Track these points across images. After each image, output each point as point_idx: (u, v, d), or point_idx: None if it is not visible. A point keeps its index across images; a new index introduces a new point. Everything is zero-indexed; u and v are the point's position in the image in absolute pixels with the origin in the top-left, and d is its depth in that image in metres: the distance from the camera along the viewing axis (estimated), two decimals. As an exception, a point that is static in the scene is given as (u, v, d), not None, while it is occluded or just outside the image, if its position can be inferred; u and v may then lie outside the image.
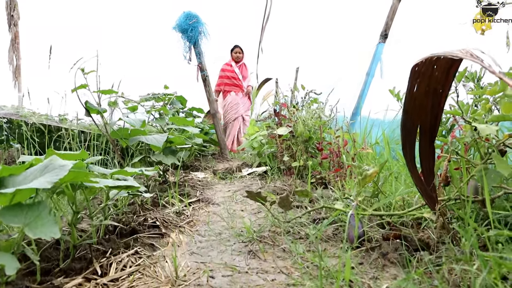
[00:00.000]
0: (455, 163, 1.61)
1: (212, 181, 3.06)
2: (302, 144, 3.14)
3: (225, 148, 5.26)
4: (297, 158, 3.15)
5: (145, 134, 2.69)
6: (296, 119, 3.26)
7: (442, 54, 0.94)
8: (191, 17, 5.19)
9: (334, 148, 2.96)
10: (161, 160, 2.54)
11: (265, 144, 3.77)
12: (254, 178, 3.16)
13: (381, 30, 4.98)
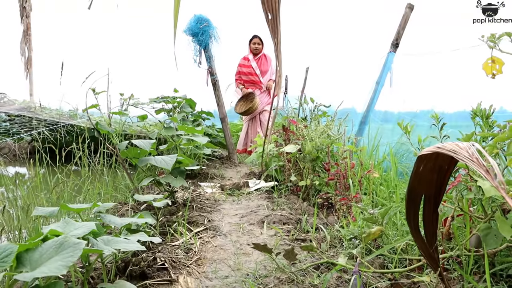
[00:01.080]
0: (458, 219, 1.63)
1: (219, 198, 3.10)
2: (309, 162, 3.16)
3: (233, 153, 5.31)
4: (304, 176, 3.18)
5: (155, 153, 2.74)
6: (304, 136, 3.28)
7: (447, 151, 0.97)
8: (202, 21, 5.20)
9: (341, 168, 2.99)
10: (170, 183, 2.58)
11: (273, 156, 3.80)
12: (261, 196, 3.20)
13: (392, 39, 4.96)
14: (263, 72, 6.07)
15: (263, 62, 6.09)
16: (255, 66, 6.04)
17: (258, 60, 6.07)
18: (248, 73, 6.11)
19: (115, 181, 3.69)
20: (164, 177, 2.61)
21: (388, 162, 3.81)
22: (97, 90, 3.22)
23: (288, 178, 3.25)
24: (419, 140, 2.45)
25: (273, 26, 0.98)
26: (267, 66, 6.11)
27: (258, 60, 6.07)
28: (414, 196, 1.28)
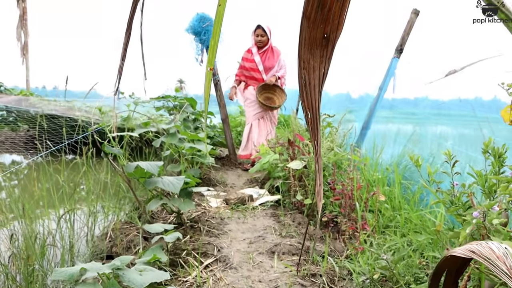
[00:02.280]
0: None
1: (225, 214, 3.10)
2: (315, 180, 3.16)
3: (233, 154, 5.31)
4: (309, 194, 3.19)
5: (162, 172, 2.73)
6: (310, 152, 3.28)
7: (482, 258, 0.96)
8: (205, 20, 5.13)
9: (347, 188, 2.99)
10: (179, 207, 2.57)
11: (276, 165, 3.79)
12: (266, 212, 3.21)
13: (396, 45, 4.93)
14: (267, 68, 5.26)
15: (269, 57, 5.27)
16: (258, 61, 5.24)
17: (263, 54, 5.24)
18: (250, 68, 5.34)
19: (119, 191, 3.68)
20: (172, 200, 2.60)
21: (390, 171, 3.83)
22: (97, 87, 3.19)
23: (294, 195, 3.25)
24: (429, 173, 2.44)
25: (312, 127, 0.96)
26: (273, 61, 5.29)
27: (263, 54, 5.24)
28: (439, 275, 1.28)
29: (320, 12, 0.95)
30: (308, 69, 1.00)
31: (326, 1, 0.93)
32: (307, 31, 0.97)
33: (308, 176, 3.28)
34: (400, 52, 4.90)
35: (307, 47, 0.99)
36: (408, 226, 2.89)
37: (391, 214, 3.07)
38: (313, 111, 0.99)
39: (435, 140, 5.26)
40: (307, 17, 0.95)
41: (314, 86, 0.99)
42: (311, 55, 1.00)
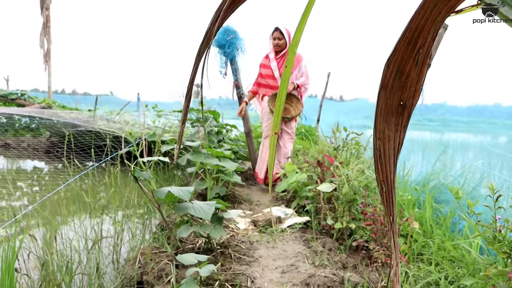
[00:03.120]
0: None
1: (253, 238, 3.05)
2: (345, 204, 3.10)
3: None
4: (339, 217, 3.12)
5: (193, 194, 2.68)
6: (340, 174, 3.21)
7: None
8: (229, 32, 5.09)
9: (378, 213, 2.92)
10: (210, 233, 2.53)
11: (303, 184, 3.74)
12: (295, 236, 3.15)
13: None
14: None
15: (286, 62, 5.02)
16: (274, 67, 4.79)
17: (280, 59, 4.79)
18: (265, 75, 4.89)
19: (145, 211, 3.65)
20: (202, 226, 2.56)
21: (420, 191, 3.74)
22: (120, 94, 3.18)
23: (324, 218, 3.19)
24: (469, 205, 2.36)
25: (387, 201, 0.90)
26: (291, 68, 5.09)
27: (281, 60, 4.78)
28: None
29: (398, 80, 0.89)
30: (383, 139, 0.94)
31: (405, 68, 0.87)
32: (384, 100, 0.91)
33: (337, 199, 3.21)
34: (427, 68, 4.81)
35: (383, 116, 0.93)
36: (442, 254, 2.82)
37: (423, 240, 3.00)
38: (388, 184, 0.93)
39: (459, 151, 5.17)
40: (384, 86, 0.89)
41: (389, 157, 0.94)
42: (386, 124, 0.94)
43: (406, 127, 0.96)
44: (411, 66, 0.87)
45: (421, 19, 0.78)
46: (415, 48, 0.83)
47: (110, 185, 3.21)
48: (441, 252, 2.84)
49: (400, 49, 0.82)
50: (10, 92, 7.79)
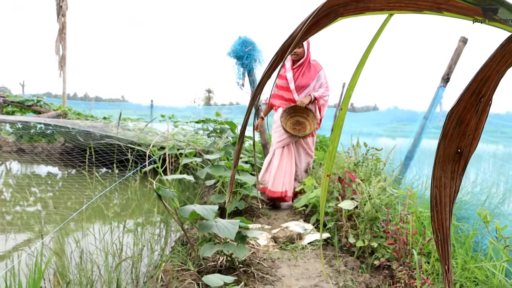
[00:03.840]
0: None
1: (274, 255, 3.04)
2: (367, 222, 3.08)
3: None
4: (360, 235, 3.10)
5: (217, 213, 2.68)
6: (362, 192, 3.19)
7: None
8: (247, 44, 5.10)
9: (401, 231, 2.89)
10: (234, 253, 2.52)
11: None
12: (316, 253, 3.13)
13: (443, 73, 4.80)
14: (299, 87, 4.42)
15: (303, 73, 4.40)
16: (290, 77, 4.42)
17: (297, 69, 4.42)
18: (281, 86, 4.56)
19: (166, 224, 3.65)
20: (226, 245, 2.55)
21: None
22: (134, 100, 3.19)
23: (345, 235, 3.17)
24: (497, 228, 2.34)
25: (443, 250, 0.89)
26: (309, 78, 4.42)
27: (297, 70, 4.42)
28: None
29: (458, 128, 0.88)
30: (439, 187, 0.93)
31: (465, 117, 0.86)
32: (442, 148, 0.90)
33: (358, 216, 3.19)
34: (446, 81, 4.78)
35: (440, 164, 0.92)
36: (465, 275, 2.78)
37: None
38: (443, 232, 0.91)
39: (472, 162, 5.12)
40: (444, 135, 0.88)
41: (444, 205, 0.92)
42: (442, 172, 0.93)
43: (462, 175, 0.95)
44: (471, 115, 0.86)
45: (487, 70, 0.77)
46: (477, 98, 0.82)
47: (131, 199, 3.21)
48: (464, 273, 2.81)
49: (463, 99, 0.81)
50: (27, 98, 7.86)
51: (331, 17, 0.78)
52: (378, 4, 0.78)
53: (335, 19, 0.79)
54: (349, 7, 0.78)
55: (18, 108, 8.31)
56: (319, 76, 4.50)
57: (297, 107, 4.45)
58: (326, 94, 4.55)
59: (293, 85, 4.46)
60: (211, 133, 5.40)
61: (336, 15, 0.78)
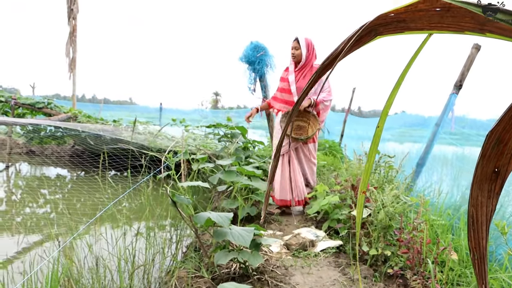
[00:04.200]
0: None
1: (287, 262, 3.03)
2: (381, 230, 3.06)
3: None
4: (373, 243, 3.09)
5: (230, 221, 2.67)
6: (376, 199, 3.18)
7: None
8: (259, 49, 5.10)
9: (415, 240, 2.87)
10: (248, 261, 2.52)
11: (335, 206, 3.71)
12: (329, 261, 3.12)
13: (455, 80, 4.78)
14: (300, 89, 4.22)
15: (305, 76, 4.26)
16: (292, 80, 4.30)
17: (299, 72, 4.30)
18: (282, 88, 4.43)
19: (177, 228, 3.65)
20: (240, 253, 2.55)
21: (451, 216, 3.68)
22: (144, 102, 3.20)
23: (359, 245, 3.15)
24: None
25: (480, 269, 0.88)
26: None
27: (299, 73, 4.29)
28: None
29: (496, 148, 0.87)
30: (476, 206, 0.92)
31: (504, 137, 0.85)
32: (480, 168, 0.90)
33: (371, 224, 3.18)
34: (459, 88, 4.75)
35: (478, 183, 0.91)
36: (481, 285, 2.75)
37: (459, 269, 2.94)
38: (480, 251, 0.91)
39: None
40: (483, 155, 0.87)
41: (481, 224, 0.92)
42: (479, 191, 0.92)
43: (499, 194, 0.94)
44: (510, 135, 0.86)
45: (528, 93, 0.76)
46: (517, 118, 0.82)
47: (144, 205, 3.22)
48: (480, 283, 2.77)
49: (503, 120, 0.81)
50: (37, 100, 7.91)
51: (371, 36, 0.78)
52: (419, 24, 0.78)
53: (375, 37, 0.79)
54: (389, 26, 0.78)
55: (29, 110, 8.36)
56: (322, 79, 4.14)
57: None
58: (327, 99, 4.31)
59: (294, 87, 4.28)
60: (222, 137, 5.40)
61: (376, 34, 0.79)
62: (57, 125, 6.77)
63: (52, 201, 6.18)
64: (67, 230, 4.06)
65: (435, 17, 0.74)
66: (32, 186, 6.91)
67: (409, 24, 0.78)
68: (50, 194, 6.72)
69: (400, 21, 0.78)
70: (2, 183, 7.40)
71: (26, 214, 5.27)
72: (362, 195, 1.01)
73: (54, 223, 4.54)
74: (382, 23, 0.76)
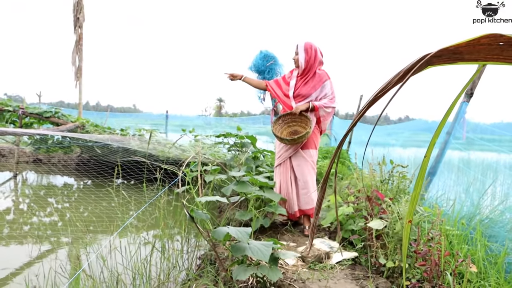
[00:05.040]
0: None
1: (304, 275, 3.01)
2: (397, 242, 3.04)
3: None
4: (389, 255, 3.07)
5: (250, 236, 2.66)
6: (392, 211, 3.16)
7: None
8: (269, 58, 5.09)
9: (432, 252, 2.85)
10: (267, 276, 2.50)
11: (350, 217, 3.69)
12: (345, 274, 3.10)
13: (466, 88, 4.75)
14: (299, 96, 4.12)
15: (307, 82, 4.09)
16: (292, 85, 4.17)
17: (301, 77, 4.14)
18: (283, 92, 4.29)
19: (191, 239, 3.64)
20: (259, 268, 2.53)
21: (465, 226, 3.66)
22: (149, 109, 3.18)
23: (375, 255, 3.13)
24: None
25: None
26: (311, 88, 4.08)
27: (301, 78, 4.14)
28: None
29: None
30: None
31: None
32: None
33: (387, 235, 3.16)
34: (470, 96, 4.74)
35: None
36: (500, 298, 2.73)
37: (477, 281, 2.91)
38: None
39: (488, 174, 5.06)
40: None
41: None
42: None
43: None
44: None
45: None
46: None
47: (159, 219, 3.20)
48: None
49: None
50: (45, 110, 7.93)
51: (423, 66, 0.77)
52: (475, 56, 0.77)
53: (426, 67, 0.78)
54: (443, 57, 0.77)
55: (36, 120, 8.37)
56: (324, 86, 4.09)
57: (292, 114, 4.13)
58: (328, 105, 4.07)
59: (292, 92, 4.15)
60: (232, 147, 5.39)
61: (428, 64, 0.78)
62: (65, 135, 6.77)
63: (59, 210, 6.18)
64: (82, 241, 4.05)
65: (495, 50, 0.73)
66: (38, 195, 6.92)
67: (464, 55, 0.78)
68: (57, 203, 6.72)
69: (456, 53, 0.77)
70: (10, 191, 7.40)
71: (42, 223, 5.26)
72: (408, 224, 1.00)
73: (66, 231, 4.53)
74: (437, 55, 0.76)
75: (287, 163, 4.15)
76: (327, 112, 4.10)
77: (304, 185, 4.11)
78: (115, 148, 7.00)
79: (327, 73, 4.13)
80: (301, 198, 4.13)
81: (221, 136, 5.39)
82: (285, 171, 4.15)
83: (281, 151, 4.17)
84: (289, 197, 4.13)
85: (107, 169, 7.31)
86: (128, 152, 6.86)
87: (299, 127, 4.16)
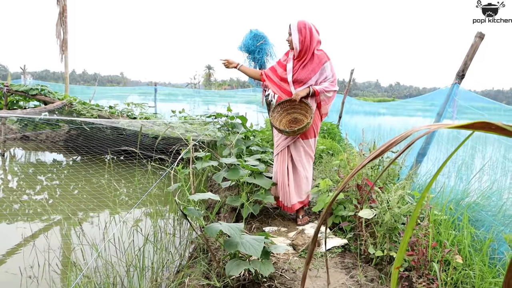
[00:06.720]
0: None
1: (295, 264, 3.07)
2: (386, 231, 3.10)
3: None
4: (378, 244, 3.13)
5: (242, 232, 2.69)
6: (381, 200, 3.20)
7: None
8: (259, 38, 5.01)
9: (421, 242, 2.92)
10: (259, 270, 2.55)
11: (340, 203, 3.74)
12: (335, 262, 3.16)
13: (458, 70, 4.75)
14: (297, 81, 3.87)
15: (306, 65, 3.82)
16: (289, 68, 3.90)
17: (298, 60, 3.87)
18: (280, 76, 4.03)
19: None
20: (252, 263, 2.58)
21: (453, 211, 3.73)
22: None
23: (364, 243, 3.20)
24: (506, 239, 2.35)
25: None
26: (309, 72, 3.81)
27: (299, 61, 3.86)
28: None
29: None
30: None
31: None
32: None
33: (376, 224, 3.22)
34: (461, 78, 4.73)
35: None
36: (484, 286, 2.81)
37: (462, 268, 2.99)
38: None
39: (479, 144, 5.11)
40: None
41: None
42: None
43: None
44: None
45: None
46: None
47: (149, 202, 3.22)
48: (483, 284, 2.84)
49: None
50: (31, 87, 7.76)
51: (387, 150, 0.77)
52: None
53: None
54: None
55: (22, 97, 8.23)
56: (324, 68, 3.83)
57: (292, 101, 3.91)
58: (330, 89, 3.87)
59: (291, 76, 3.89)
60: (222, 127, 5.38)
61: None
62: (56, 119, 6.70)
63: (49, 187, 6.17)
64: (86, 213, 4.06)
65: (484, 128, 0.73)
66: (26, 172, 6.88)
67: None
68: (47, 180, 6.70)
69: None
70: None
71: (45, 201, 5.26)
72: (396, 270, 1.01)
73: (64, 206, 4.54)
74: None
75: (285, 152, 4.02)
76: (328, 97, 3.90)
77: (302, 175, 4.03)
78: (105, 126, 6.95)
79: (326, 54, 3.88)
80: (298, 189, 4.05)
81: (211, 117, 5.37)
82: (282, 161, 4.03)
83: (280, 140, 4.05)
84: (285, 189, 4.02)
85: (96, 146, 7.27)
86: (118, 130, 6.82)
87: (299, 114, 3.98)
